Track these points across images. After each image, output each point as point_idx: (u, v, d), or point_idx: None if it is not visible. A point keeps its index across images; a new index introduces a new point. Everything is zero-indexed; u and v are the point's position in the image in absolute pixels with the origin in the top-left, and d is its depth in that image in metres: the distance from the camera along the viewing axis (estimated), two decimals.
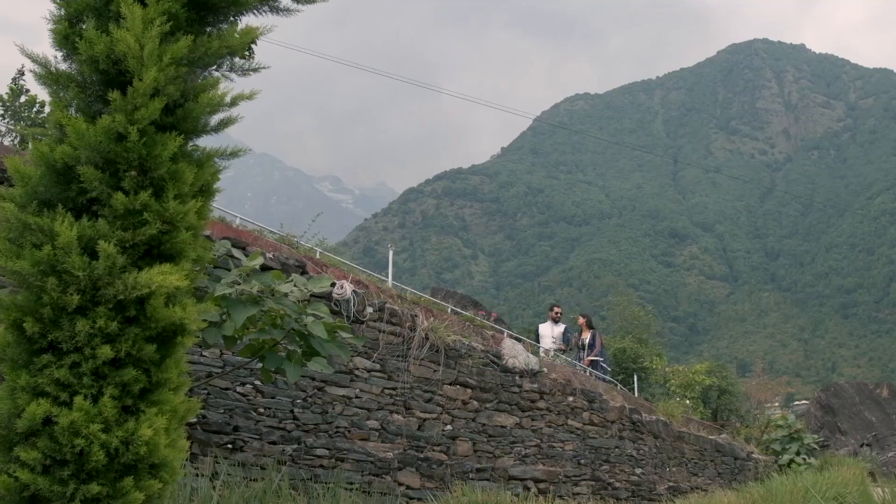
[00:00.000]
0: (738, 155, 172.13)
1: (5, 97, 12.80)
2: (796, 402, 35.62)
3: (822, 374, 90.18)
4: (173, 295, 2.74)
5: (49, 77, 2.81)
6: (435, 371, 7.37)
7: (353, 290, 6.69)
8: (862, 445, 19.35)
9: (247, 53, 3.21)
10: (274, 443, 5.92)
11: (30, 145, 2.98)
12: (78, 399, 2.57)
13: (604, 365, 13.31)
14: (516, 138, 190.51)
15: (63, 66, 2.85)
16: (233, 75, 3.07)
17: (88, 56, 2.68)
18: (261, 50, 3.28)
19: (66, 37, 2.79)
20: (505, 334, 9.40)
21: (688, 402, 15.04)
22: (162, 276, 2.64)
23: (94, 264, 2.61)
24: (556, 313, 13.17)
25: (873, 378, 57.81)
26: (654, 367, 17.91)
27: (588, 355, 13.09)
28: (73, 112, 2.81)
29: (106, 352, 2.60)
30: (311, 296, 4.65)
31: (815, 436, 15.19)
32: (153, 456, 2.68)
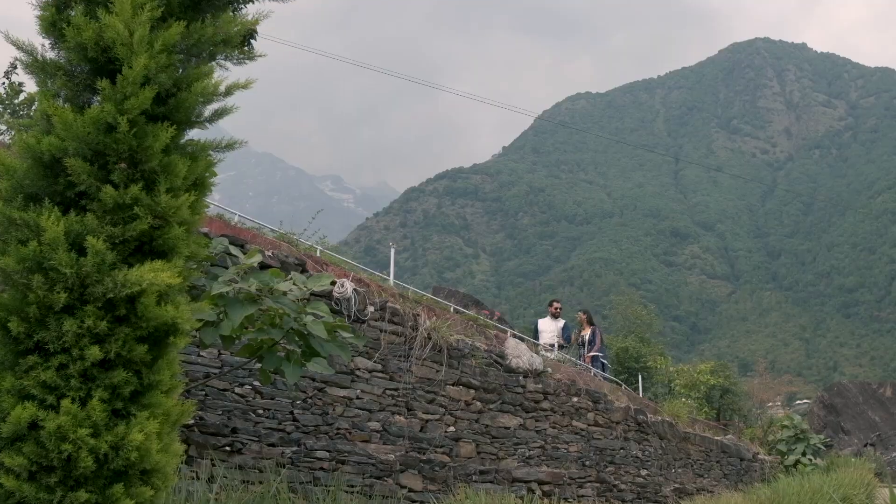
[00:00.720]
0: (740, 154, 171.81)
1: (3, 95, 12.67)
2: (798, 402, 35.49)
3: (824, 374, 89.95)
4: (165, 293, 2.62)
5: (36, 65, 2.70)
6: (437, 371, 7.25)
7: (354, 289, 6.57)
8: (866, 445, 19.27)
9: (246, 48, 3.10)
10: (273, 445, 5.81)
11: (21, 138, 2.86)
12: (65, 402, 2.46)
13: (603, 361, 13.21)
14: (517, 137, 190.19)
15: (50, 55, 2.73)
16: (228, 64, 2.95)
17: (76, 43, 2.57)
18: (261, 48, 3.17)
19: (53, 23, 2.67)
20: (508, 334, 9.29)
21: (692, 402, 14.92)
22: (153, 274, 2.52)
23: (82, 261, 2.49)
24: (556, 308, 13.08)
25: (875, 377, 57.66)
26: (659, 366, 17.80)
27: (588, 352, 12.99)
28: (61, 102, 2.70)
29: (95, 353, 2.49)
30: (311, 294, 4.53)
31: (821, 436, 15.07)
32: (144, 461, 2.57)
